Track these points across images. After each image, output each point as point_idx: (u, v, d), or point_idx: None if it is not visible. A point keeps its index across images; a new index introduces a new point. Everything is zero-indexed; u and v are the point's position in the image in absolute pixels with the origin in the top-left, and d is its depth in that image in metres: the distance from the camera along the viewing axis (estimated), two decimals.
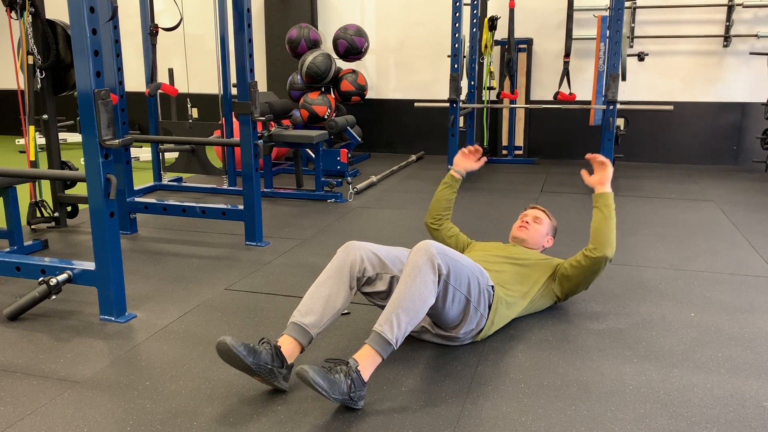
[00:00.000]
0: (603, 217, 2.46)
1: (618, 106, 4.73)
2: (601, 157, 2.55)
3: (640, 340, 2.36)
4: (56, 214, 3.89)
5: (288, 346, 2.00)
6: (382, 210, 4.40)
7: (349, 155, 5.34)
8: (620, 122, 5.76)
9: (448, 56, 5.16)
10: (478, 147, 2.87)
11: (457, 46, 5.02)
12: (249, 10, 3.35)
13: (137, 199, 3.83)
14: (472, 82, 5.90)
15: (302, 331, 2.03)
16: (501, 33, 5.97)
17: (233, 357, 1.89)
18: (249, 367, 1.90)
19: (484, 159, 2.89)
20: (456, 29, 4.97)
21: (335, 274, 2.14)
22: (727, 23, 5.91)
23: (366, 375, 1.88)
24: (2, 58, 7.82)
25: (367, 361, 1.89)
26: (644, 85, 6.19)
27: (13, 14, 3.42)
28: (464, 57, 5.93)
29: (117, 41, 3.82)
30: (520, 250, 2.63)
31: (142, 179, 5.19)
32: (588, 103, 5.86)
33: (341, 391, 1.81)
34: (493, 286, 2.29)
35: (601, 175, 2.53)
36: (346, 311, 2.52)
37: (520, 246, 2.70)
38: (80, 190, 3.76)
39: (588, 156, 2.62)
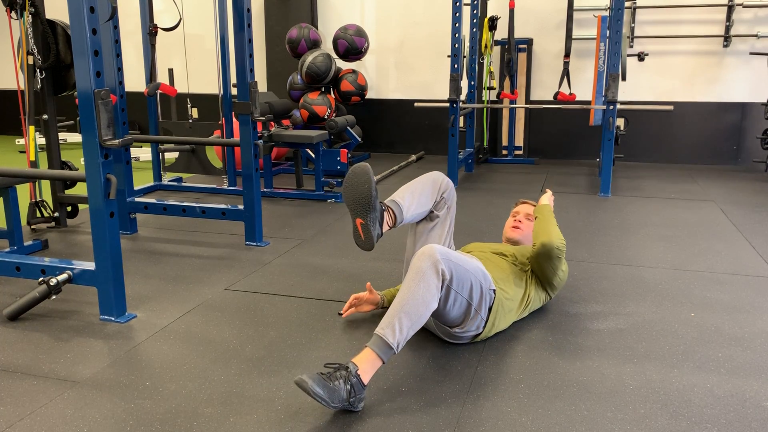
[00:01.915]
0: (538, 220, 2.60)
1: (618, 106, 4.73)
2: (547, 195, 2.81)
3: (640, 340, 2.36)
4: (56, 214, 3.89)
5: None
6: None
7: (349, 155, 5.34)
8: (620, 122, 5.76)
9: (448, 56, 5.16)
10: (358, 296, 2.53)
11: (457, 46, 5.02)
12: (249, 10, 3.35)
13: (137, 199, 3.83)
14: (472, 82, 5.90)
15: (398, 207, 2.28)
16: (501, 33, 5.97)
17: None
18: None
19: (368, 284, 2.53)
20: (456, 29, 4.97)
21: (427, 185, 2.41)
22: (727, 23, 5.91)
23: (366, 379, 1.86)
24: (2, 58, 7.81)
25: (367, 364, 1.88)
26: (644, 85, 6.19)
27: (13, 14, 3.42)
28: (464, 57, 5.93)
29: (117, 41, 3.82)
30: (515, 249, 2.63)
31: (142, 179, 5.19)
32: (588, 103, 5.86)
33: (341, 399, 1.80)
34: (495, 290, 2.29)
35: (549, 199, 2.77)
36: (341, 312, 2.52)
37: (515, 246, 2.70)
38: (80, 190, 3.76)
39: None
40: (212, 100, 5.93)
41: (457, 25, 4.95)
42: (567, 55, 5.48)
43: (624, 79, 5.18)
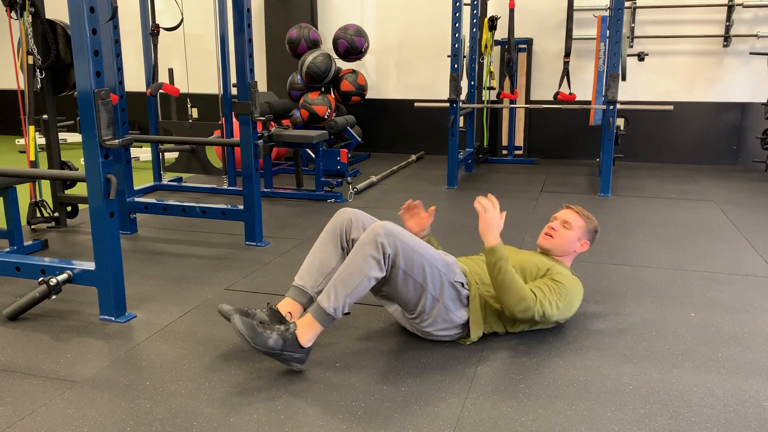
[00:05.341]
0: (491, 278, 2.24)
1: (618, 106, 4.73)
2: (483, 202, 2.24)
3: (640, 340, 2.36)
4: (56, 214, 3.89)
5: (287, 305, 2.25)
6: (381, 210, 4.40)
7: (349, 155, 5.34)
8: (620, 122, 5.76)
9: (448, 56, 5.16)
10: (415, 203, 2.56)
11: (457, 46, 5.01)
12: (249, 10, 3.35)
13: (137, 199, 3.83)
14: (472, 82, 5.90)
15: (300, 291, 2.27)
16: (501, 33, 5.97)
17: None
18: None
19: (432, 209, 2.57)
20: (456, 29, 4.97)
21: (327, 237, 2.34)
22: (727, 23, 5.91)
23: (303, 340, 2.04)
24: (2, 58, 7.81)
25: (305, 327, 2.06)
26: (644, 85, 6.19)
27: (13, 14, 3.42)
28: (464, 57, 5.93)
29: (117, 41, 3.82)
30: (539, 259, 2.43)
31: (142, 179, 5.19)
32: (588, 103, 5.86)
33: (263, 343, 1.99)
34: (463, 283, 2.25)
35: (481, 222, 2.23)
36: (346, 311, 2.51)
37: (543, 255, 2.49)
38: (80, 190, 3.76)
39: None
40: (212, 100, 5.94)
41: (457, 25, 4.95)
42: (567, 55, 5.49)
43: (624, 79, 5.18)
